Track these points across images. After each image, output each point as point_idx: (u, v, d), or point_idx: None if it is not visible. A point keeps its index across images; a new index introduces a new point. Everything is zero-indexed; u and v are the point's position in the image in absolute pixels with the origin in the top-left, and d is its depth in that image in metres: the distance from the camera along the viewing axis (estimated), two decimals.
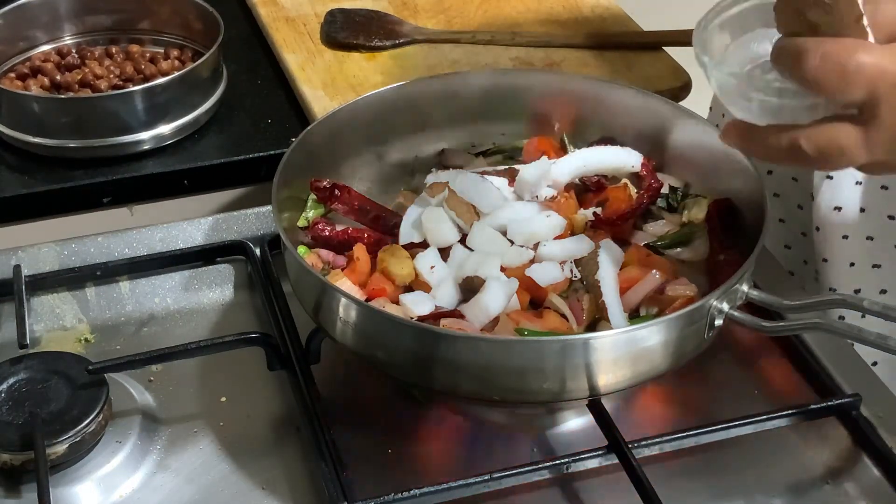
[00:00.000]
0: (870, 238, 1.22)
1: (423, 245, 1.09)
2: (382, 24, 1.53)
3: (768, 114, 0.88)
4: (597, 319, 1.05)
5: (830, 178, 1.21)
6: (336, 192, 1.13)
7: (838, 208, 1.21)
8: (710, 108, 1.41)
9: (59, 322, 1.16)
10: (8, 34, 1.44)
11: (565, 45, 1.50)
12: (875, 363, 1.24)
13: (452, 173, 1.16)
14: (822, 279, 1.25)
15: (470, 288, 1.05)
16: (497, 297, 1.02)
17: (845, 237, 1.22)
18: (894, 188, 1.19)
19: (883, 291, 1.24)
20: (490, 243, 1.08)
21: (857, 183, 1.20)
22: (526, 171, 1.13)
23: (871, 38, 0.82)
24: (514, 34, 1.52)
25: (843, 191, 1.21)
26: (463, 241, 1.09)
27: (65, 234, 1.24)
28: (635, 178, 1.18)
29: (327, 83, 1.43)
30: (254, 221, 1.26)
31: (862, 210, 1.21)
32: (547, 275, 1.06)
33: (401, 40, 1.51)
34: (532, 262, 1.07)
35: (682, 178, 1.18)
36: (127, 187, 1.33)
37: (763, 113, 0.88)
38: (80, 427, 0.99)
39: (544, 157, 1.16)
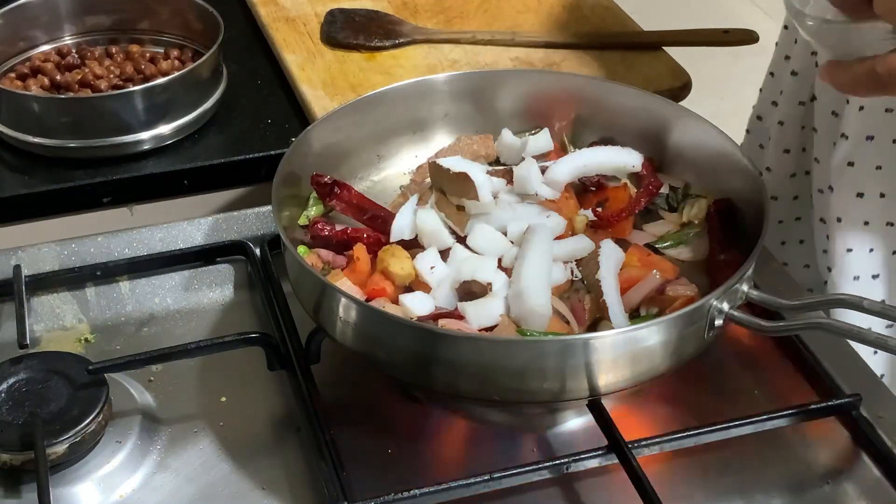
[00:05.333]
0: (890, 224, 1.22)
1: (423, 245, 1.10)
2: (382, 24, 1.53)
3: (853, 49, 0.98)
4: (598, 319, 1.05)
5: (851, 164, 1.21)
6: (336, 188, 1.13)
7: (860, 195, 1.22)
8: (748, 132, 1.42)
9: (59, 322, 1.16)
10: (8, 34, 1.44)
11: (565, 45, 1.50)
12: (882, 375, 1.24)
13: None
14: (846, 271, 1.25)
15: (466, 292, 1.05)
16: (500, 304, 1.02)
17: (866, 223, 1.23)
18: None
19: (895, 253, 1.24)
20: (490, 243, 1.08)
21: (876, 168, 1.21)
22: (519, 168, 1.13)
23: None
24: (514, 34, 1.52)
25: (863, 177, 1.22)
26: (463, 241, 1.10)
27: (65, 234, 1.24)
28: (635, 178, 1.18)
29: (327, 83, 1.43)
30: (254, 221, 1.26)
31: (882, 195, 1.22)
32: None
33: (401, 40, 1.51)
34: None
35: (682, 178, 1.18)
36: (127, 187, 1.33)
37: (848, 49, 0.98)
38: (80, 427, 0.99)
39: (530, 158, 1.16)
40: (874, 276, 1.24)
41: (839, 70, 0.98)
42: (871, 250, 1.24)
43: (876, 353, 1.23)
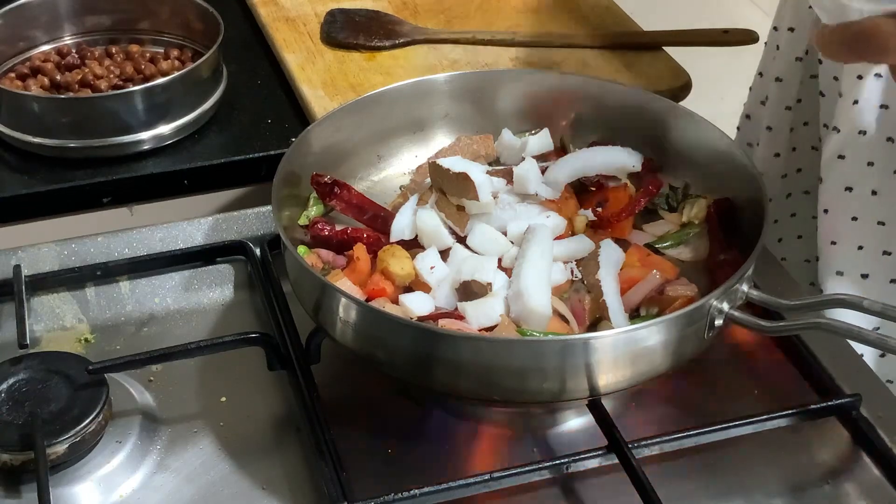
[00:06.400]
0: (881, 223, 1.22)
1: (423, 245, 1.10)
2: (382, 24, 1.53)
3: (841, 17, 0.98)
4: (598, 319, 1.05)
5: (842, 157, 1.21)
6: (336, 188, 1.14)
7: (849, 189, 1.22)
8: (738, 129, 1.43)
9: (59, 322, 1.16)
10: (8, 34, 1.44)
11: (565, 45, 1.50)
12: (883, 354, 1.24)
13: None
14: (830, 263, 1.25)
15: (466, 292, 1.05)
16: (500, 304, 1.02)
17: (854, 219, 1.23)
18: None
19: (894, 281, 1.24)
20: (490, 243, 1.08)
21: (868, 164, 1.21)
22: (519, 168, 1.13)
23: None
24: (514, 34, 1.52)
25: (854, 171, 1.21)
26: (463, 241, 1.10)
27: (65, 234, 1.24)
28: (635, 178, 1.18)
29: (327, 83, 1.43)
30: (254, 221, 1.26)
31: (874, 193, 1.22)
32: None
33: (401, 40, 1.51)
34: None
35: (682, 178, 1.18)
36: (127, 187, 1.33)
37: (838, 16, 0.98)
38: (80, 427, 0.99)
39: (530, 158, 1.16)
40: (864, 276, 1.24)
41: (826, 33, 0.98)
42: (861, 248, 1.24)
43: (884, 355, 1.23)
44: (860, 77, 1.17)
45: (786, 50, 1.30)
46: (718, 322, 0.99)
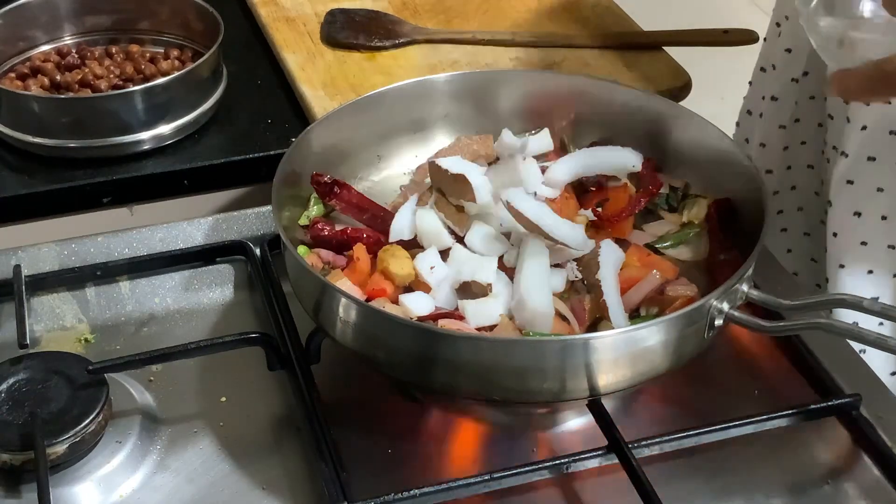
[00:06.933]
0: (892, 247, 1.22)
1: (423, 245, 1.09)
2: (382, 24, 1.53)
3: (862, 56, 0.96)
4: (598, 319, 1.05)
5: (851, 182, 1.21)
6: (336, 188, 1.14)
7: (858, 213, 1.21)
8: (738, 124, 1.43)
9: (59, 322, 1.16)
10: (8, 34, 1.44)
11: (565, 45, 1.50)
12: (894, 373, 1.24)
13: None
14: (839, 286, 1.24)
15: (467, 292, 1.05)
16: (500, 304, 1.02)
17: (864, 244, 1.22)
18: None
19: None
20: (490, 243, 1.08)
21: (878, 190, 1.20)
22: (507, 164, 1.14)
23: None
24: (514, 34, 1.52)
25: (863, 197, 1.21)
26: (463, 241, 1.09)
27: (65, 234, 1.24)
28: (635, 178, 1.18)
29: (327, 83, 1.43)
30: (254, 221, 1.26)
31: (884, 218, 1.21)
32: None
33: (401, 40, 1.51)
34: None
35: (682, 178, 1.18)
36: (127, 187, 1.33)
37: (857, 56, 0.96)
38: (80, 427, 0.99)
39: (530, 158, 1.16)
40: (874, 300, 1.24)
41: (847, 76, 0.96)
42: (870, 272, 1.23)
43: (895, 373, 1.23)
44: (868, 102, 1.17)
45: (782, 70, 1.29)
46: (718, 322, 0.99)
